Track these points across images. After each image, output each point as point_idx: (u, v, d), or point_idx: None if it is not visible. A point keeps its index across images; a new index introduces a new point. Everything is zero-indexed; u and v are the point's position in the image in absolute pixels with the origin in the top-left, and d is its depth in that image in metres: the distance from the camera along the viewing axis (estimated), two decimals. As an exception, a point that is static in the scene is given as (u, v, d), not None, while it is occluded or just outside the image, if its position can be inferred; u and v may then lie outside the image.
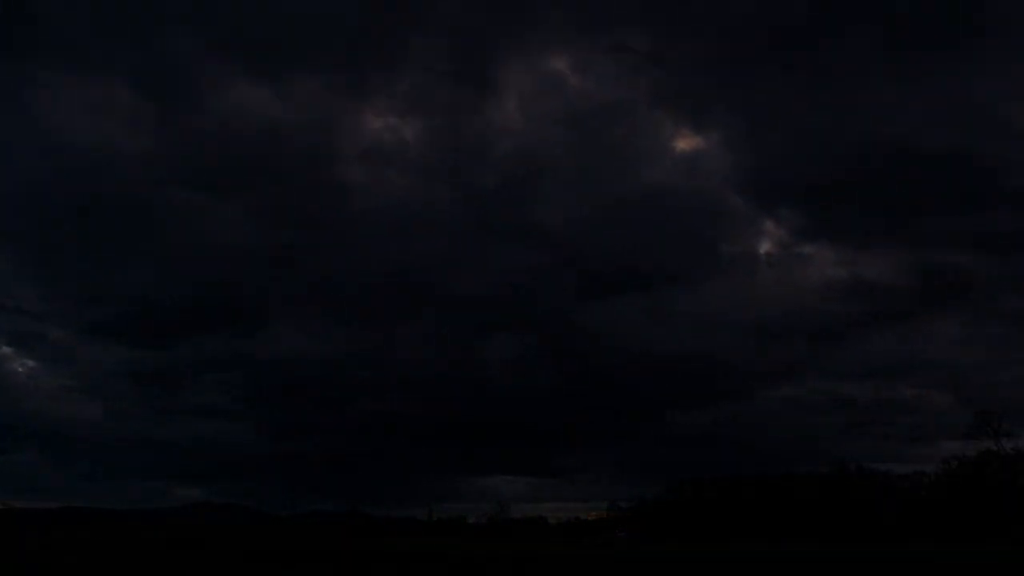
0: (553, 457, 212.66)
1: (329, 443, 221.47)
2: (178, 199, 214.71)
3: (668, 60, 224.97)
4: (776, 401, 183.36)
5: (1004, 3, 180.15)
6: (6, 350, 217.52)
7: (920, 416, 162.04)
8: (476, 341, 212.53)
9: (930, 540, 73.67)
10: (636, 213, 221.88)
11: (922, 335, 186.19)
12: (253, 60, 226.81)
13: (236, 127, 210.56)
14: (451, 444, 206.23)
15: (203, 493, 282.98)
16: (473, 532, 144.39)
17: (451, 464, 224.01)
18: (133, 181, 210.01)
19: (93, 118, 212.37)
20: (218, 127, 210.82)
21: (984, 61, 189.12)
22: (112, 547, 57.15)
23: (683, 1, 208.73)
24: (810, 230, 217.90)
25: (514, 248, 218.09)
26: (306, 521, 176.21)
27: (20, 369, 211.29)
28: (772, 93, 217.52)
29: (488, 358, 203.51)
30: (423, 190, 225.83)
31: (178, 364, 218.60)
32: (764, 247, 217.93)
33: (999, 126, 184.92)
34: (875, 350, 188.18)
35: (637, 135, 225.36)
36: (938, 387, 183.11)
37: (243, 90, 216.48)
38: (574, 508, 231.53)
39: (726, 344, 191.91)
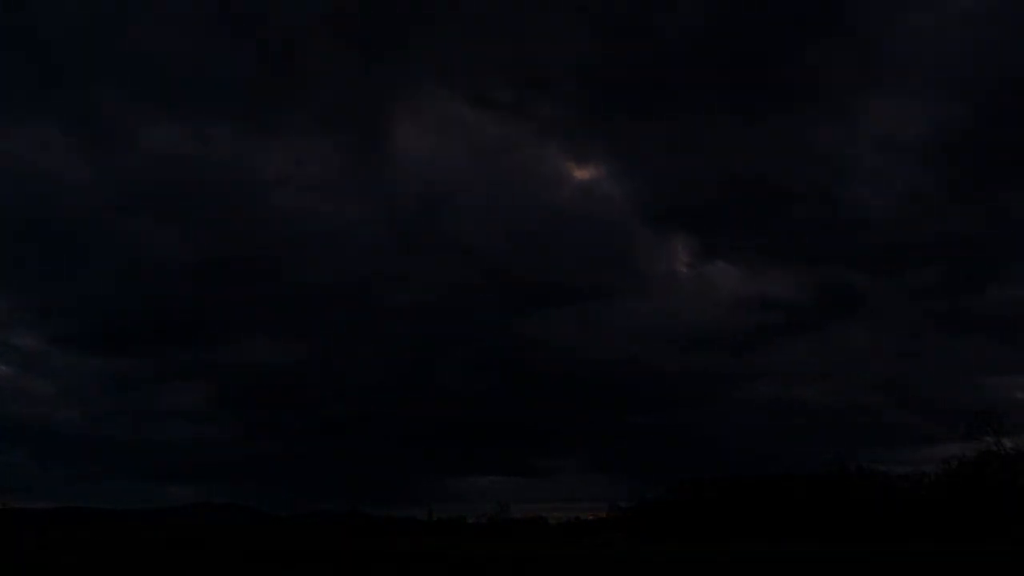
0: (549, 458, 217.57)
1: (327, 443, 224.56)
2: (119, 223, 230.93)
3: (530, 112, 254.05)
4: (735, 404, 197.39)
5: (830, 62, 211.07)
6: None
7: (867, 418, 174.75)
8: (429, 349, 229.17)
9: (930, 540, 73.61)
10: (549, 234, 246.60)
11: (836, 344, 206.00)
12: (167, 107, 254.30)
13: (163, 161, 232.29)
14: (449, 445, 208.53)
15: (203, 493, 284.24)
16: (473, 532, 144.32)
17: (451, 464, 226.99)
18: (76, 208, 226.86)
19: (34, 155, 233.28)
20: (147, 162, 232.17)
21: (820, 110, 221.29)
22: (112, 547, 57.16)
23: (535, 58, 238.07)
24: (708, 252, 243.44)
25: (440, 266, 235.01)
26: (306, 521, 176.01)
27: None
28: (632, 139, 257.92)
29: (449, 364, 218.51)
30: (344, 214, 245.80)
31: (153, 371, 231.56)
32: (673, 266, 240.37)
33: (847, 165, 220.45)
34: (799, 358, 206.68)
35: (534, 166, 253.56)
36: (869, 391, 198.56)
37: (163, 131, 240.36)
38: (574, 508, 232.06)
39: (665, 353, 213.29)
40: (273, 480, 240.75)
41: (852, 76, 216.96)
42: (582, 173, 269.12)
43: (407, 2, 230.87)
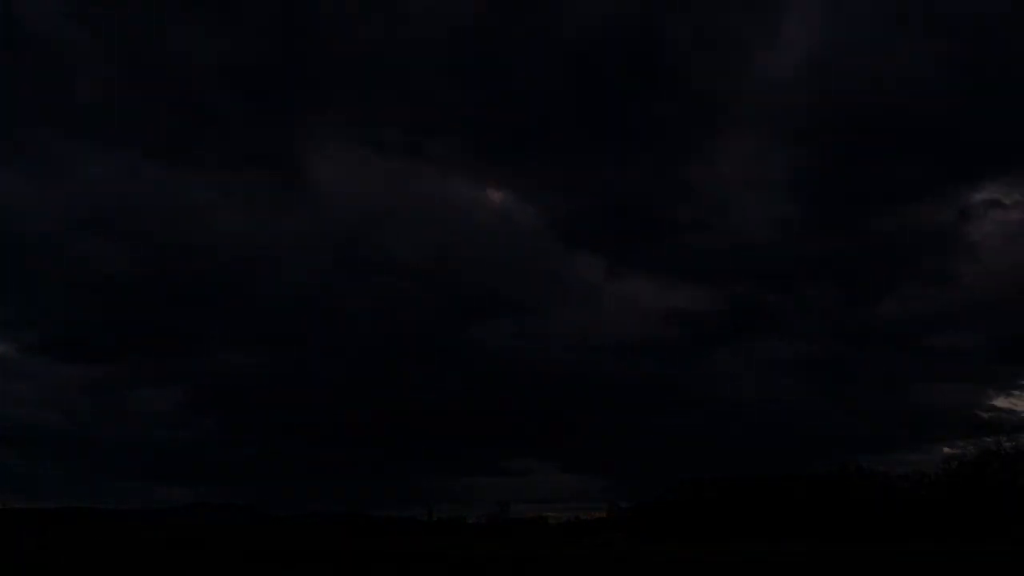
0: (548, 458, 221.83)
1: (326, 444, 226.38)
2: (76, 241, 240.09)
3: (426, 154, 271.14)
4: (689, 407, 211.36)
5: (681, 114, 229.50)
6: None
7: (815, 421, 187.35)
8: (390, 356, 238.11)
9: (930, 540, 73.65)
10: (472, 251, 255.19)
11: (760, 353, 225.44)
12: (102, 145, 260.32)
13: (106, 190, 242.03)
14: (448, 445, 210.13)
15: (202, 493, 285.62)
16: (473, 532, 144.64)
17: (451, 464, 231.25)
18: (33, 228, 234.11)
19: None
20: (91, 189, 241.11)
21: (688, 153, 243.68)
22: (111, 547, 57.14)
23: (427, 101, 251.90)
24: (619, 268, 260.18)
25: (376, 281, 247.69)
26: (306, 521, 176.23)
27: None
28: (520, 176, 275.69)
29: (412, 370, 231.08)
30: (277, 237, 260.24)
31: (125, 376, 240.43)
32: (591, 280, 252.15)
33: (719, 198, 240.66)
34: (722, 365, 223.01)
35: (442, 197, 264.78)
36: (805, 397, 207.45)
37: (100, 165, 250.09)
38: (574, 508, 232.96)
39: (611, 360, 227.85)
40: (272, 480, 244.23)
41: (704, 126, 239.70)
42: (490, 201, 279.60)
43: (305, 58, 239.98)
